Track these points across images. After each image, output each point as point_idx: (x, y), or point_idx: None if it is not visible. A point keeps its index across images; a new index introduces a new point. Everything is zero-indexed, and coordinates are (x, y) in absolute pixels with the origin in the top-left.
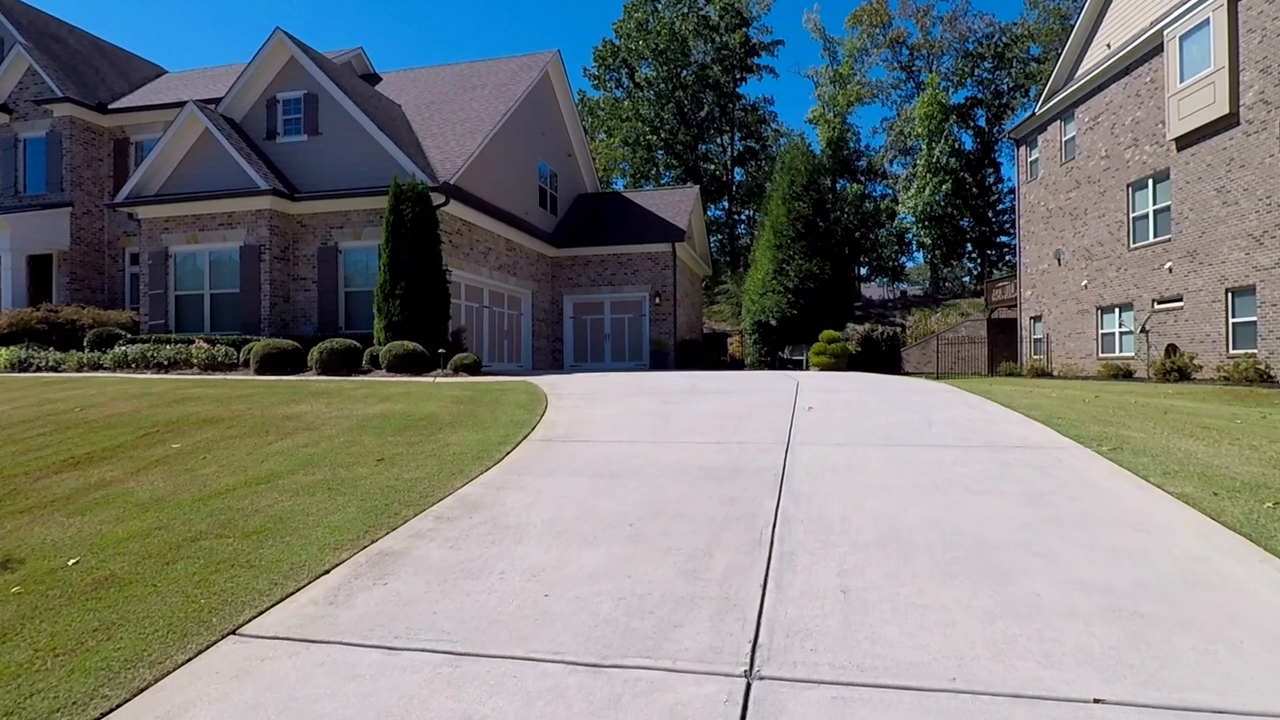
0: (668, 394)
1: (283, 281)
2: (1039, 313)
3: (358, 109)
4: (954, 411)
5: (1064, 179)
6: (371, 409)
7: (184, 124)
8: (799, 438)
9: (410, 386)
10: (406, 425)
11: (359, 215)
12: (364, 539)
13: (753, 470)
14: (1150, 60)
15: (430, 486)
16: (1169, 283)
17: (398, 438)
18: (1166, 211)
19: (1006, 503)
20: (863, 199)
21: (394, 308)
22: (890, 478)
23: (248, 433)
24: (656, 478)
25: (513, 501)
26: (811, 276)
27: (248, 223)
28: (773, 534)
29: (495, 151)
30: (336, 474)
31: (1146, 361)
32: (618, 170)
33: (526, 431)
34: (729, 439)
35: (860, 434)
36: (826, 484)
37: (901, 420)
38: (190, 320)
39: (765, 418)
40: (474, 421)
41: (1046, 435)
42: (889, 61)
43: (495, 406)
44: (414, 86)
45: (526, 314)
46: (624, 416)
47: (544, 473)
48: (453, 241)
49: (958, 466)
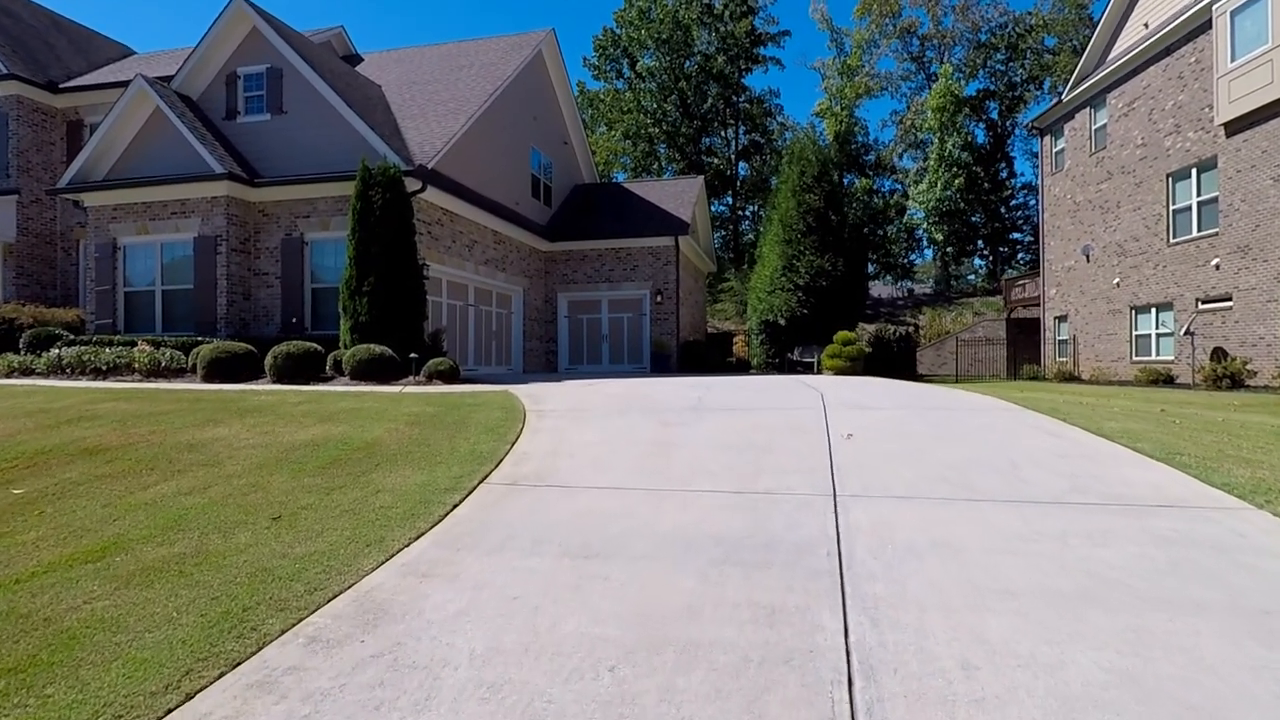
0: (668, 410)
1: (242, 277)
2: (1064, 312)
3: (325, 84)
4: (1033, 441)
5: (1094, 170)
6: (303, 433)
7: (132, 101)
8: (847, 485)
9: (367, 400)
10: (337, 458)
11: (327, 203)
12: (172, 692)
13: (793, 546)
14: (1195, 39)
15: (326, 570)
16: (1216, 280)
17: (318, 478)
18: (1213, 203)
19: (1222, 633)
20: (871, 194)
21: (361, 306)
22: (1004, 568)
23: (127, 470)
24: (652, 559)
25: (436, 606)
26: (823, 273)
27: (202, 211)
28: (851, 702)
29: (482, 135)
30: (205, 544)
31: (1192, 366)
32: (618, 164)
33: (488, 469)
34: (750, 485)
35: (927, 479)
36: (910, 580)
37: (972, 455)
38: (141, 319)
39: (793, 448)
40: (426, 452)
41: (1186, 484)
42: (899, 52)
43: (459, 429)
44: (396, 67)
45: (517, 313)
46: (614, 444)
47: (493, 546)
48: (432, 233)
49: (1096, 547)
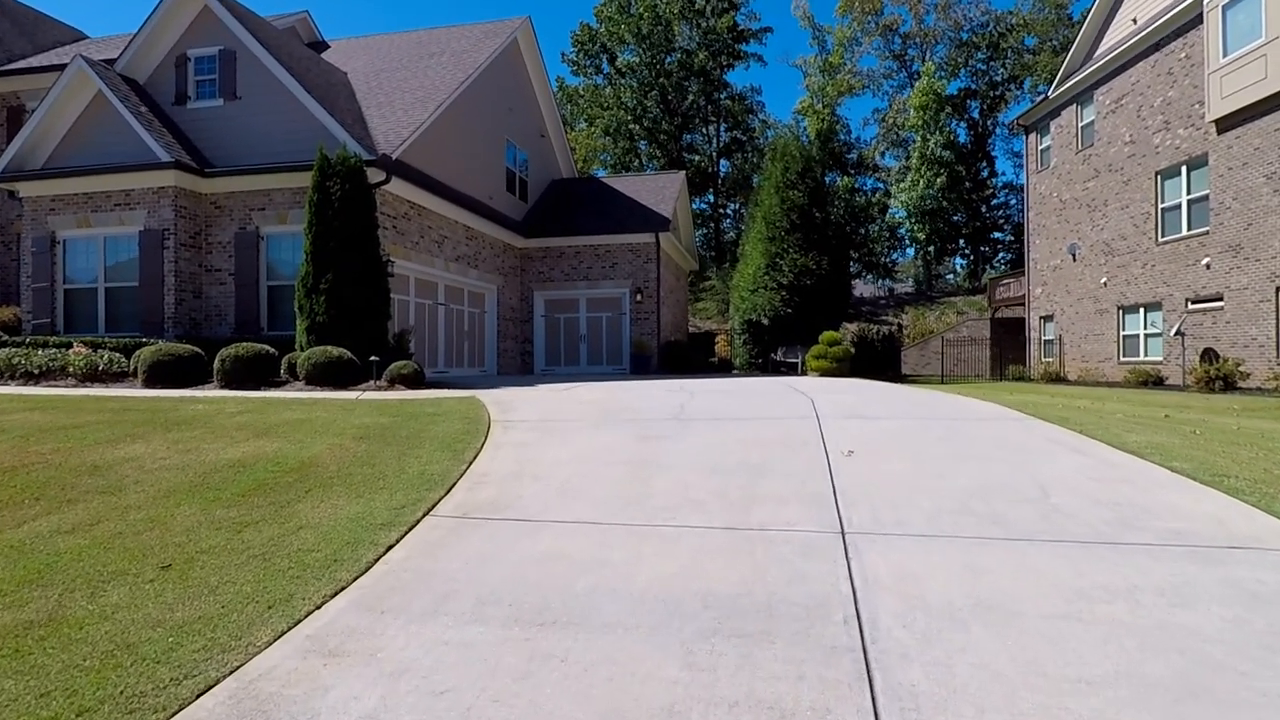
0: (649, 420)
1: (192, 273)
2: (1050, 312)
3: (281, 68)
4: (1056, 459)
5: (1080, 168)
6: (231, 451)
7: (71, 83)
8: (856, 518)
9: (317, 408)
10: (263, 483)
11: (284, 195)
12: None
13: (800, 609)
14: (1186, 34)
15: (208, 646)
16: (1206, 280)
17: (233, 510)
18: (1203, 201)
19: None
20: (853, 193)
21: (318, 305)
22: (1072, 642)
23: (7, 500)
24: (625, 630)
25: (337, 708)
26: (807, 272)
27: (148, 203)
28: None
29: (453, 126)
30: (64, 606)
31: (1183, 368)
32: (599, 161)
33: (437, 496)
34: (744, 519)
35: (948, 509)
36: (957, 662)
37: (994, 478)
38: (82, 319)
39: (789, 469)
40: (368, 475)
41: (1250, 517)
42: (880, 50)
43: (411, 445)
44: (363, 54)
45: (491, 312)
46: (587, 464)
47: (426, 609)
48: (398, 227)
49: (1176, 608)
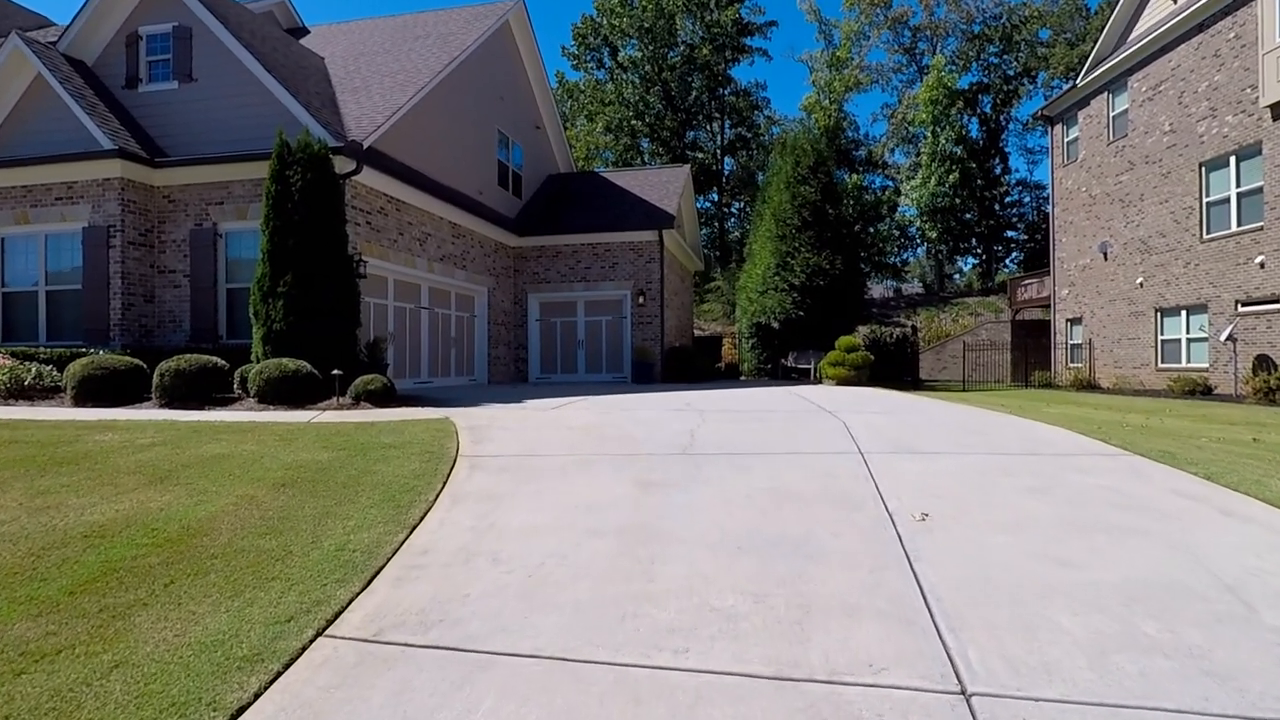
0: (651, 456)
1: (142, 275)
2: (1078, 314)
3: (240, 46)
4: (1218, 534)
5: (1112, 160)
6: (100, 510)
7: (7, 65)
8: (974, 658)
9: (248, 438)
10: (112, 568)
11: (245, 188)
12: None
13: None
14: (1235, 12)
15: None
16: (1260, 280)
17: (38, 623)
18: (1256, 194)
19: None
20: (861, 191)
21: (276, 311)
22: None
23: None
24: None
25: None
26: (821, 272)
27: (93, 196)
28: None
29: (438, 114)
30: None
31: (1234, 376)
32: (599, 159)
33: (348, 595)
34: (799, 657)
35: (1114, 638)
36: None
37: (1151, 573)
38: (23, 326)
39: (848, 547)
40: (265, 551)
41: None
42: (890, 44)
43: (344, 496)
44: (344, 39)
45: (481, 316)
46: (566, 535)
47: None
48: (372, 223)
49: None
